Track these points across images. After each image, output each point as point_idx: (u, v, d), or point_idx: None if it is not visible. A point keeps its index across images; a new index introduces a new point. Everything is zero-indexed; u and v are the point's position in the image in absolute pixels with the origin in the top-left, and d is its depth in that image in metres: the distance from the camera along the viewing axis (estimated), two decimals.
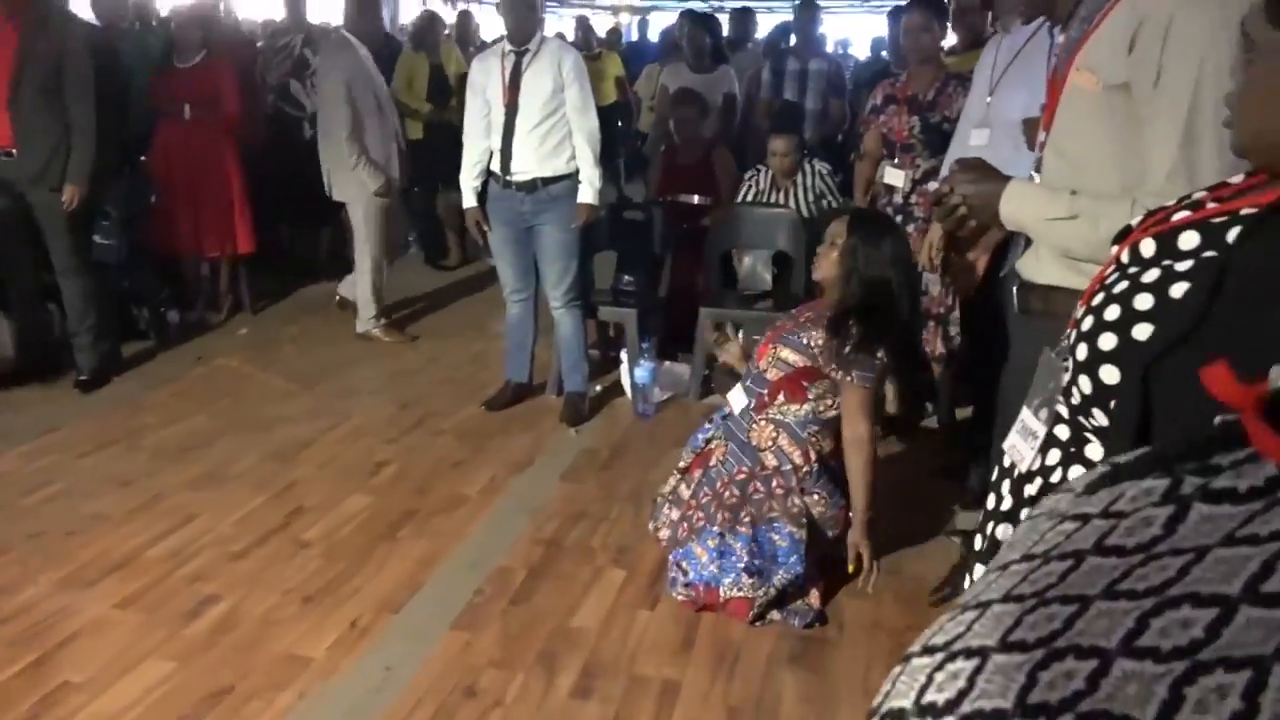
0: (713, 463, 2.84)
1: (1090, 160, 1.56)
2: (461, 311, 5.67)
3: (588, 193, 3.79)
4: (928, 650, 0.57)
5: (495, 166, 3.82)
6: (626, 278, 4.48)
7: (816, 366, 2.70)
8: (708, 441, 2.92)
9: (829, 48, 7.80)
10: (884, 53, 8.11)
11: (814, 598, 2.68)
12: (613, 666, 2.42)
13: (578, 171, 3.80)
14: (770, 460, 2.75)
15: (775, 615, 2.65)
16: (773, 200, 4.55)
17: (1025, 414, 1.19)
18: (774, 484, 2.72)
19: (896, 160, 3.65)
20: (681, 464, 2.96)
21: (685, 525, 2.76)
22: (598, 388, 4.35)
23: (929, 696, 0.52)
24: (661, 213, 4.43)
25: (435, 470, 3.52)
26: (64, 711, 2.19)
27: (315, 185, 5.00)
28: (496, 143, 3.78)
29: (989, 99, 3.00)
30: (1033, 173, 1.68)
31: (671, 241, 4.42)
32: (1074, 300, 1.58)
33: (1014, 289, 1.69)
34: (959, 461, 3.46)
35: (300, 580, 2.75)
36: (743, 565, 2.60)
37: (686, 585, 2.65)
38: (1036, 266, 1.60)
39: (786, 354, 2.76)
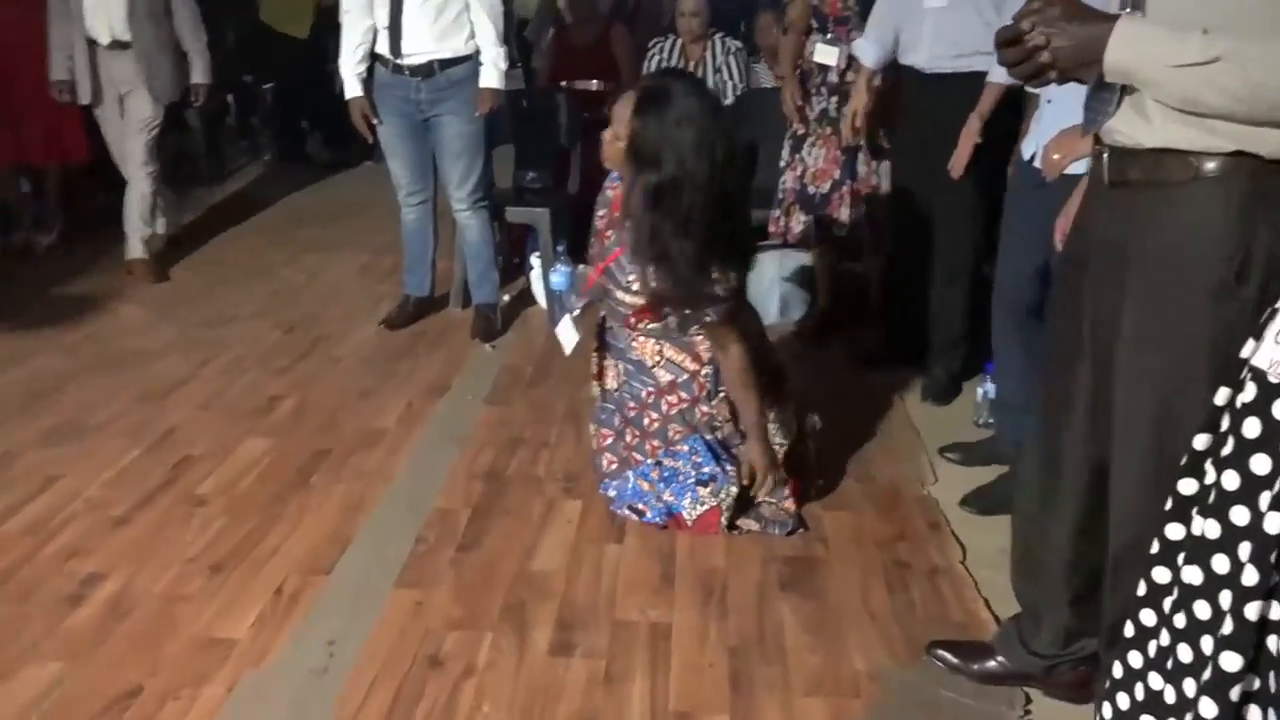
0: (610, 385, 2.57)
1: None
2: (339, 220, 5.09)
3: (492, 75, 3.32)
4: None
5: (383, 48, 3.30)
6: (530, 174, 4.06)
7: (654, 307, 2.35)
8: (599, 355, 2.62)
9: None
10: None
11: (788, 503, 2.47)
12: (591, 613, 2.12)
13: (479, 52, 3.32)
14: (664, 375, 2.48)
15: (753, 526, 2.43)
16: None
17: None
18: (677, 398, 2.47)
19: (830, 35, 3.33)
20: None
21: (610, 458, 2.53)
22: (505, 298, 3.95)
23: None
24: (566, 101, 3.99)
25: (341, 402, 3.09)
26: None
27: None
28: (383, 19, 3.25)
29: None
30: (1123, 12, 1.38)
31: (579, 133, 4.00)
32: (1190, 165, 1.33)
33: (1103, 157, 1.41)
34: (898, 348, 3.28)
35: (203, 546, 2.31)
36: (693, 480, 2.40)
37: (646, 522, 2.43)
38: (1145, 128, 1.32)
39: (621, 296, 2.37)
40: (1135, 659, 1.19)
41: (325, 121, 6.03)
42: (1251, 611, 1.01)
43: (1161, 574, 1.16)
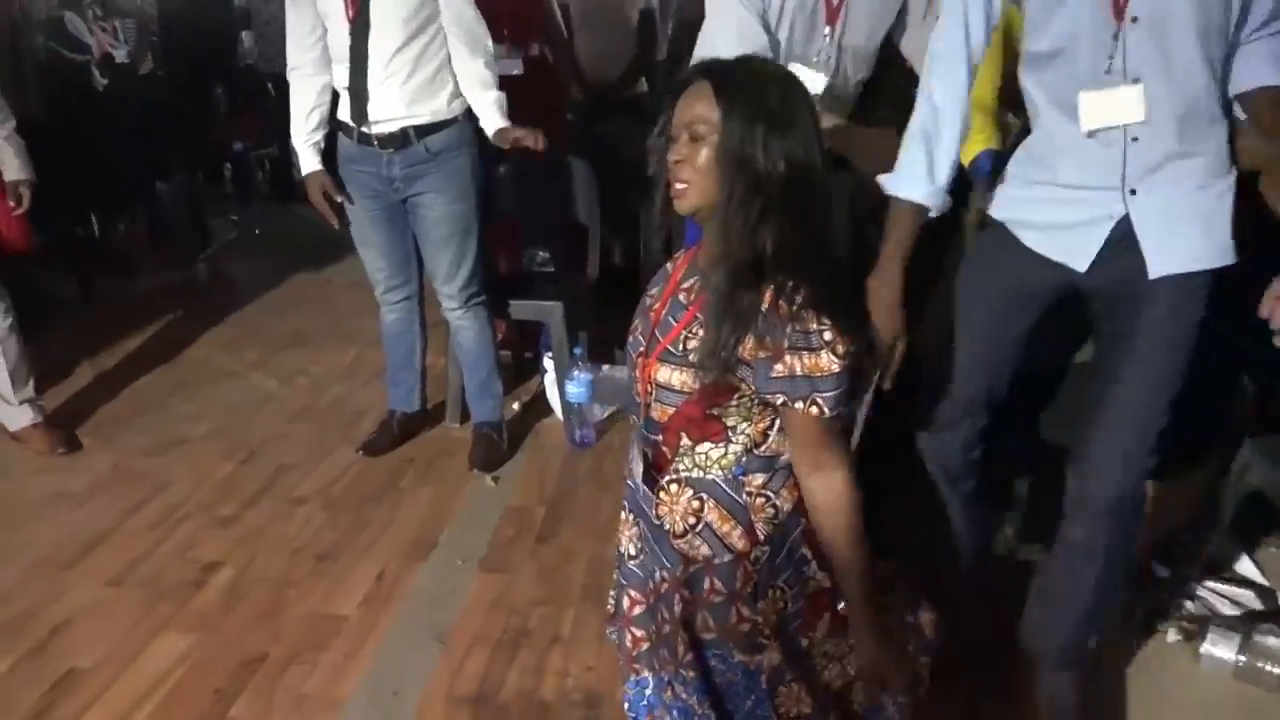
0: (628, 549, 1.65)
1: None
2: (330, 302, 4.41)
3: (495, 116, 2.60)
4: None
5: (345, 114, 2.62)
6: (540, 254, 3.36)
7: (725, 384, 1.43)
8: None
9: None
10: None
11: None
12: None
13: (466, 113, 2.64)
14: (700, 548, 1.64)
15: None
16: None
17: None
18: (706, 586, 1.62)
19: None
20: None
21: (638, 633, 1.63)
22: (515, 405, 3.24)
23: None
24: (585, 163, 3.28)
25: (290, 572, 2.36)
26: (80, 700, 1.91)
27: (115, 154, 3.72)
28: (342, 78, 2.57)
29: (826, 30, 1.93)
30: None
31: (599, 203, 3.28)
32: None
33: None
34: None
35: None
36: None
37: None
38: None
39: (668, 376, 1.48)
40: None
41: None
42: None
43: None
